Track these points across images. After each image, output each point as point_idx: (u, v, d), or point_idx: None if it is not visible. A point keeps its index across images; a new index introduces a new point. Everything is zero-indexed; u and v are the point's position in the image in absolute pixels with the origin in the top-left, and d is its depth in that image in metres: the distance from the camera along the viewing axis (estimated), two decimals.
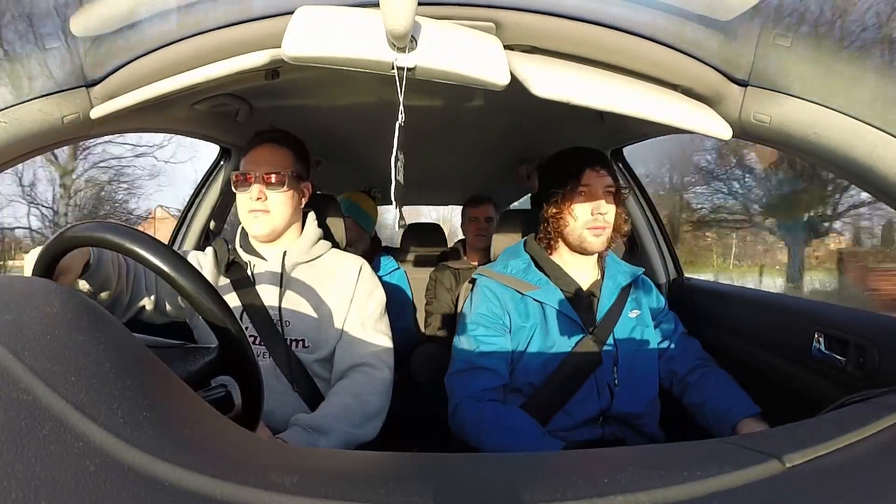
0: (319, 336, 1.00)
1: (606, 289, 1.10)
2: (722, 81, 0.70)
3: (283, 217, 1.02)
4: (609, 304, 1.09)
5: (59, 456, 0.27)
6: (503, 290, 1.08)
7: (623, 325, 1.09)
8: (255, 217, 1.00)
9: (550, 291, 1.07)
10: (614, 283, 1.12)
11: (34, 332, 0.35)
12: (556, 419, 1.03)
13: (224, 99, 1.13)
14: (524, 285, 1.08)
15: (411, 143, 0.61)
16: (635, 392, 1.04)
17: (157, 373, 0.40)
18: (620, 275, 1.14)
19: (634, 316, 1.11)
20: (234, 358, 0.57)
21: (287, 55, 0.60)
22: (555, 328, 1.06)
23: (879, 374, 0.80)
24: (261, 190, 0.99)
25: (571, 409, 1.03)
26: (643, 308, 1.13)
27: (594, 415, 1.03)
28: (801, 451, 0.40)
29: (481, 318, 1.06)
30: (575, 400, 1.03)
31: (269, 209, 1.00)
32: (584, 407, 1.03)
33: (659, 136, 1.37)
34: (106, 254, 0.81)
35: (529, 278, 1.09)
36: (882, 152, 0.63)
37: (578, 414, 1.03)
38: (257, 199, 0.99)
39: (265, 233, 1.02)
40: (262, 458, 0.37)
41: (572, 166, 1.07)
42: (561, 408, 1.03)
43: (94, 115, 0.74)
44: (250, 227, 1.03)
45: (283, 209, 1.02)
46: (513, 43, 0.68)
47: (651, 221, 1.61)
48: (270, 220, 1.01)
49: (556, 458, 0.48)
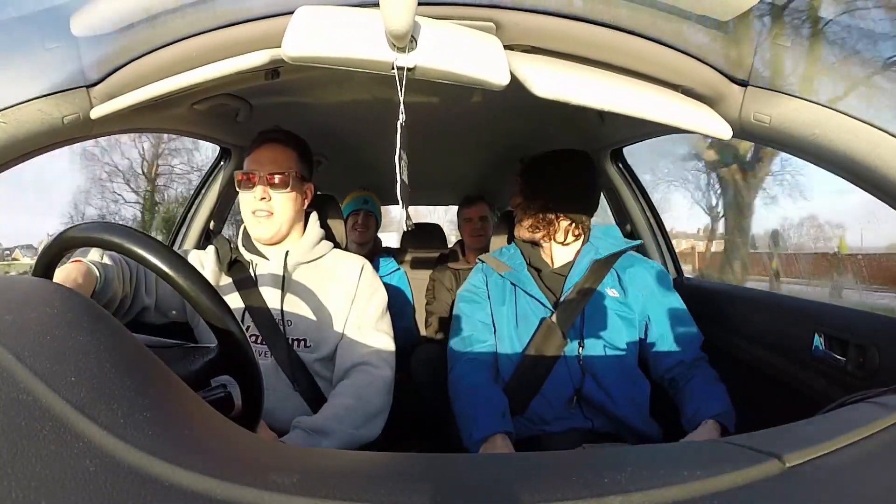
0: (321, 336, 1.00)
1: (577, 265, 1.11)
2: (722, 81, 0.70)
3: (286, 219, 1.02)
4: (576, 280, 1.09)
5: (59, 456, 0.27)
6: (489, 269, 1.22)
7: (596, 302, 1.08)
8: (259, 220, 1.01)
9: (522, 273, 1.15)
10: (587, 259, 1.12)
11: (34, 333, 0.35)
12: (536, 403, 1.04)
13: (224, 99, 1.14)
14: (503, 267, 1.18)
15: (411, 143, 0.61)
16: (606, 374, 1.03)
17: (157, 373, 0.40)
18: (602, 244, 1.14)
19: (614, 295, 1.10)
20: (233, 358, 0.57)
21: (287, 55, 0.59)
22: (525, 308, 1.11)
23: (879, 374, 0.80)
24: (265, 190, 0.99)
25: (547, 393, 1.04)
26: (628, 288, 1.10)
27: (568, 396, 1.03)
28: (801, 451, 0.39)
29: (471, 287, 1.21)
30: (549, 382, 1.04)
31: (272, 210, 1.00)
32: (558, 388, 1.04)
33: (659, 136, 1.37)
34: (111, 271, 0.81)
35: (510, 261, 1.19)
36: (882, 152, 0.63)
37: (553, 396, 1.03)
38: (261, 199, 0.99)
39: (269, 236, 1.02)
40: (262, 458, 0.37)
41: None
42: (538, 390, 1.04)
43: (94, 116, 0.74)
44: (254, 230, 1.03)
45: (287, 211, 1.02)
46: (513, 43, 0.68)
47: (651, 221, 1.61)
48: (274, 223, 1.01)
49: (556, 459, 0.48)
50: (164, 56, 0.71)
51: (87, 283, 0.76)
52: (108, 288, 0.81)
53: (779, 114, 0.68)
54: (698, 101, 0.72)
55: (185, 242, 1.57)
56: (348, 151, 1.80)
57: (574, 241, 1.15)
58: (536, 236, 1.16)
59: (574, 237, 1.14)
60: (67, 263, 0.77)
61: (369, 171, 2.16)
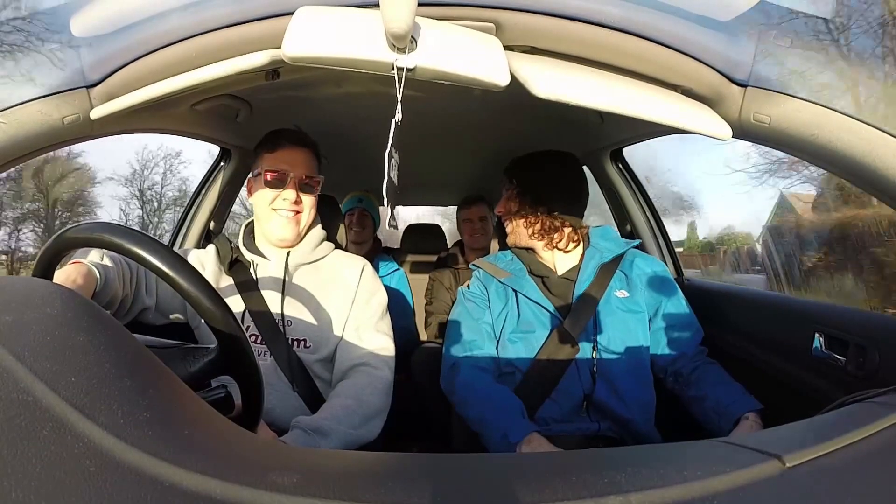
0: (321, 336, 1.00)
1: (584, 271, 1.10)
2: (722, 82, 0.70)
3: (308, 222, 1.04)
4: (586, 286, 1.09)
5: (59, 456, 0.27)
6: (487, 276, 1.19)
7: (606, 305, 1.08)
8: (286, 220, 1.01)
9: (524, 280, 1.13)
10: (593, 263, 1.11)
11: (34, 333, 0.35)
12: (545, 407, 1.03)
13: (224, 99, 1.14)
14: (502, 273, 1.16)
15: (412, 144, 0.61)
16: (619, 374, 1.03)
17: (157, 373, 0.40)
18: (605, 248, 1.14)
19: (622, 296, 1.09)
20: (233, 358, 0.57)
21: (287, 55, 0.59)
22: (529, 315, 1.09)
23: (879, 374, 0.80)
24: (297, 193, 1.00)
25: (557, 397, 1.03)
26: (634, 289, 1.11)
27: (578, 400, 1.03)
28: (801, 451, 0.39)
29: (472, 294, 1.18)
30: (560, 387, 1.03)
31: (301, 211, 1.02)
32: (569, 393, 1.03)
33: (659, 137, 1.37)
34: (111, 272, 0.81)
35: (508, 267, 1.17)
36: (882, 152, 0.63)
37: (563, 401, 1.03)
38: (294, 201, 1.00)
39: (293, 237, 1.02)
40: (262, 458, 0.37)
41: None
42: (548, 395, 1.04)
43: (94, 116, 0.74)
44: (279, 230, 1.02)
45: (310, 215, 1.04)
46: (513, 43, 0.68)
47: (651, 222, 1.61)
48: (299, 225, 1.02)
49: (555, 459, 0.48)
50: (165, 56, 0.71)
51: (87, 284, 0.76)
52: (109, 289, 0.81)
53: (779, 114, 0.68)
54: (698, 101, 0.72)
55: (185, 242, 1.57)
56: (348, 152, 1.80)
57: (575, 248, 1.14)
58: (538, 244, 1.14)
59: (574, 244, 1.14)
60: (67, 265, 0.77)
61: (369, 172, 2.15)
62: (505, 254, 1.22)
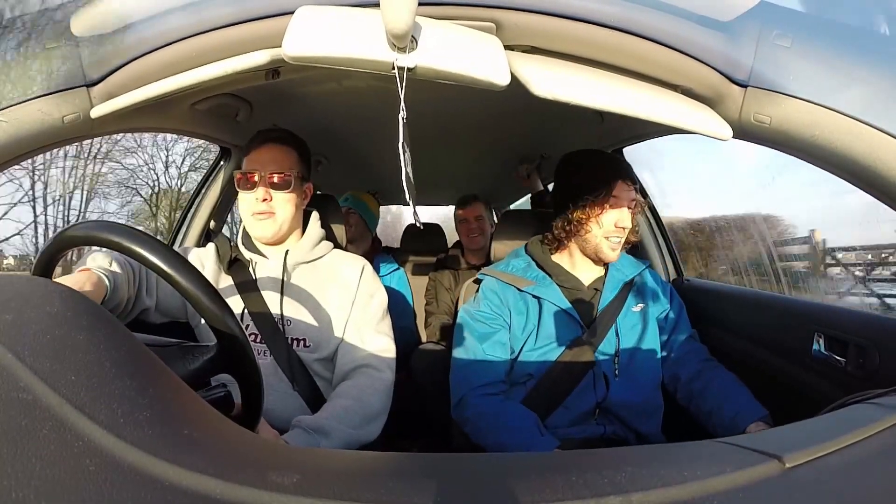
0: (321, 336, 1.00)
1: (609, 284, 1.11)
2: (722, 82, 0.70)
3: (287, 219, 1.02)
4: (610, 299, 1.09)
5: (59, 456, 0.27)
6: (504, 287, 1.11)
7: (625, 318, 1.09)
8: (260, 220, 1.00)
9: (548, 288, 1.09)
10: (617, 278, 1.12)
11: (34, 332, 0.35)
12: (556, 414, 1.03)
13: (224, 99, 1.14)
14: (523, 282, 1.10)
15: (411, 144, 0.61)
16: (635, 383, 1.05)
17: (157, 372, 0.40)
18: (625, 269, 1.14)
19: (638, 310, 1.11)
20: (232, 356, 0.57)
21: (287, 55, 0.59)
22: (552, 324, 1.07)
23: (879, 375, 0.81)
24: (266, 191, 0.99)
25: (569, 403, 1.04)
26: (647, 303, 1.13)
27: (590, 407, 1.03)
28: (801, 451, 0.39)
29: (482, 315, 1.09)
30: (573, 395, 1.04)
31: (274, 211, 1.00)
32: (581, 400, 1.03)
33: (659, 137, 1.37)
34: (120, 278, 0.81)
35: (528, 275, 1.12)
36: (882, 152, 0.63)
37: (575, 407, 1.03)
38: (263, 200, 0.98)
39: (269, 235, 1.02)
40: (261, 458, 0.37)
41: (604, 173, 1.06)
42: (561, 402, 1.03)
43: (94, 115, 0.74)
44: (254, 230, 1.02)
45: (288, 211, 1.01)
46: (513, 43, 0.68)
47: (651, 222, 1.61)
48: (275, 223, 1.01)
49: (555, 459, 0.48)
50: (165, 56, 0.71)
51: (97, 291, 0.74)
52: (116, 295, 0.80)
53: (779, 114, 0.68)
54: (698, 101, 0.72)
55: (185, 242, 1.57)
56: (348, 151, 1.81)
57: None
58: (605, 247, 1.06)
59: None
60: (75, 273, 0.75)
61: (369, 172, 2.16)
62: (517, 259, 1.17)
